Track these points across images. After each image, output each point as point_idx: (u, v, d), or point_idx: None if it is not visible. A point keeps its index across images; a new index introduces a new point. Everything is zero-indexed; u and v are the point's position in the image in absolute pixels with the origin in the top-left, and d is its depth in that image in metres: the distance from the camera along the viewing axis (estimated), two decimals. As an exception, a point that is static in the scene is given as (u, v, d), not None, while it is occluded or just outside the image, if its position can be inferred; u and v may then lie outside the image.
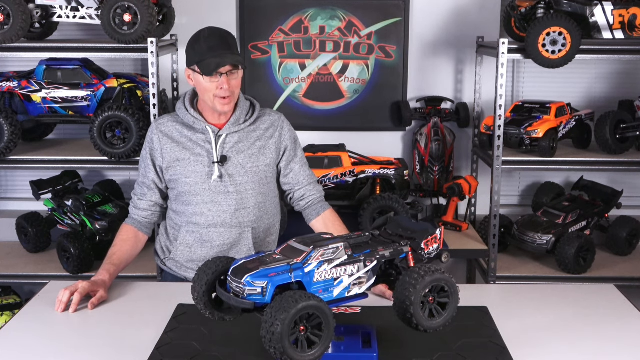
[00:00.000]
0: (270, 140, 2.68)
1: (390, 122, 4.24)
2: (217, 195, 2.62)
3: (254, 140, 2.66)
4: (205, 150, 2.62)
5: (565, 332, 2.20)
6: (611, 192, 3.98)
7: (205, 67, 2.50)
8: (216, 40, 2.53)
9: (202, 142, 2.63)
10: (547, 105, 3.76)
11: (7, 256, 3.89)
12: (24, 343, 2.13)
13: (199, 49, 2.53)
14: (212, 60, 2.49)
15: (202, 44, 2.52)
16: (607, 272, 3.72)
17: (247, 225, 2.66)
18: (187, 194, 2.64)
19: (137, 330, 2.18)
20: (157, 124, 2.69)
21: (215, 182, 2.61)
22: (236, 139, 2.64)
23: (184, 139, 2.64)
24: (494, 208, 3.65)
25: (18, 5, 3.36)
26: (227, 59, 2.51)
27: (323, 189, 2.85)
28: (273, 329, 1.69)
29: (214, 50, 2.50)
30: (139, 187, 2.74)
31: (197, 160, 2.62)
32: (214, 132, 2.62)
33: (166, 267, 2.77)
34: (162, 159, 2.65)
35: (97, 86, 3.57)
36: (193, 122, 2.63)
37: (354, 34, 4.16)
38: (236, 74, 2.56)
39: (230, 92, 2.54)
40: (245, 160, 2.63)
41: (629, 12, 3.45)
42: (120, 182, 4.15)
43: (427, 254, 2.04)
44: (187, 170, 2.62)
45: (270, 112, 2.76)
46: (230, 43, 2.55)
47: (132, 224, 2.72)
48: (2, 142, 3.45)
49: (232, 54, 2.54)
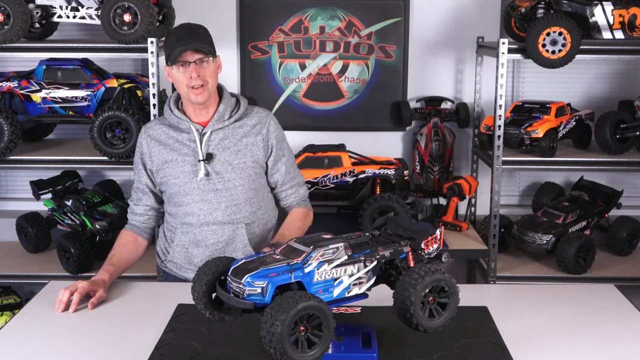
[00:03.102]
0: (258, 137, 2.68)
1: (390, 122, 4.24)
2: (207, 193, 2.63)
3: (240, 137, 2.67)
4: (191, 150, 2.63)
5: (565, 332, 2.20)
6: (611, 192, 3.98)
7: (172, 57, 2.54)
8: (184, 31, 2.57)
9: (188, 141, 2.64)
10: (547, 105, 3.76)
11: (7, 256, 3.89)
12: (24, 343, 2.13)
13: (169, 43, 2.57)
14: (178, 49, 2.52)
15: (172, 36, 2.57)
16: (607, 272, 3.72)
17: (240, 221, 2.67)
18: (178, 194, 2.65)
19: (137, 330, 2.19)
20: (145, 129, 2.72)
21: (202, 181, 2.62)
22: (221, 136, 2.65)
23: (171, 140, 2.66)
24: (494, 208, 3.65)
25: (18, 5, 3.36)
26: (192, 45, 2.52)
27: (307, 190, 2.88)
28: (273, 329, 1.68)
29: (180, 40, 2.54)
30: (134, 192, 2.77)
31: (184, 160, 2.63)
32: (197, 130, 2.63)
33: (167, 269, 2.79)
34: (151, 163, 2.68)
35: (97, 86, 3.57)
36: (177, 122, 2.65)
37: (354, 34, 4.15)
38: (207, 63, 2.56)
39: (203, 81, 2.55)
40: (231, 157, 2.64)
41: (629, 12, 3.45)
42: (120, 182, 4.15)
43: (427, 254, 2.04)
44: (175, 171, 2.64)
45: (259, 110, 2.76)
46: (199, 34, 2.58)
47: (131, 229, 2.75)
48: (2, 142, 3.45)
49: (200, 42, 2.55)
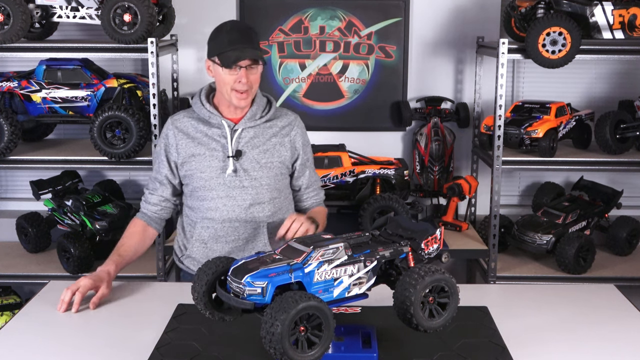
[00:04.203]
0: (286, 138, 2.70)
1: (390, 122, 4.24)
2: (232, 189, 2.63)
3: (269, 137, 2.68)
4: (220, 145, 2.63)
5: (565, 332, 2.20)
6: (611, 192, 3.98)
7: (225, 60, 2.52)
8: (237, 33, 2.55)
9: (218, 136, 2.63)
10: (547, 105, 3.76)
11: (7, 256, 3.89)
12: (24, 343, 2.13)
13: (220, 41, 2.55)
14: (232, 53, 2.51)
15: (224, 36, 2.55)
16: (607, 272, 3.72)
17: (262, 220, 2.67)
18: (202, 189, 2.64)
19: (137, 330, 2.18)
20: (172, 120, 2.71)
21: (229, 177, 2.62)
22: (252, 134, 2.65)
23: (200, 134, 2.65)
24: (494, 208, 3.65)
25: (18, 5, 3.36)
26: (247, 53, 2.52)
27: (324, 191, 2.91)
28: (273, 329, 1.68)
29: (234, 43, 2.52)
30: (152, 182, 2.74)
31: (212, 155, 2.63)
32: (229, 126, 2.63)
33: (183, 266, 2.78)
34: (177, 155, 2.66)
35: (97, 86, 3.57)
36: (209, 117, 2.64)
37: (354, 34, 4.15)
38: (255, 69, 2.57)
39: (248, 87, 2.56)
40: (259, 155, 2.64)
41: (629, 12, 3.45)
42: (120, 182, 4.15)
43: (427, 254, 2.04)
44: (202, 165, 2.63)
45: (287, 112, 2.78)
46: (251, 37, 2.57)
47: (142, 218, 2.72)
48: (2, 142, 3.45)
49: (253, 48, 2.55)
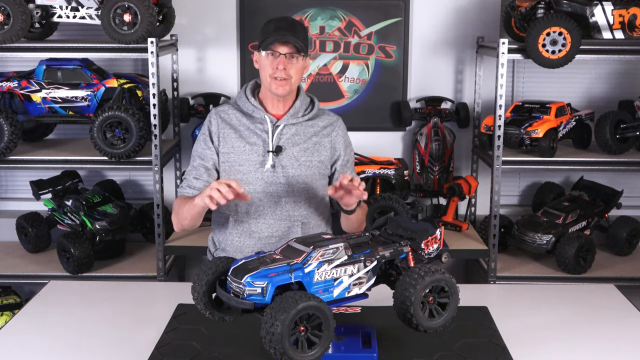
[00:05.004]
0: (326, 139, 2.71)
1: (390, 122, 4.24)
2: (269, 185, 2.63)
3: (310, 135, 2.68)
4: (261, 140, 2.64)
5: (565, 332, 2.20)
6: (611, 192, 3.98)
7: (265, 44, 2.56)
8: (283, 23, 2.60)
9: (259, 131, 2.64)
10: (547, 105, 3.76)
11: (7, 256, 3.89)
12: (24, 343, 2.13)
13: (266, 30, 2.59)
14: (273, 38, 2.55)
15: (271, 25, 2.59)
16: (607, 272, 3.72)
17: (297, 219, 2.66)
18: (239, 182, 2.62)
19: (137, 330, 2.19)
20: (216, 111, 2.72)
21: (267, 172, 2.62)
22: (293, 131, 2.66)
23: (242, 127, 2.66)
24: (494, 208, 3.65)
25: (18, 5, 3.36)
26: (287, 38, 2.54)
27: None
28: (273, 329, 1.68)
29: (278, 30, 2.56)
30: (195, 170, 2.68)
31: (252, 149, 2.63)
32: (271, 121, 2.64)
33: None
34: (218, 142, 2.67)
35: (97, 86, 3.57)
36: (252, 111, 2.66)
37: (354, 34, 4.15)
38: (296, 60, 2.58)
39: (287, 75, 2.57)
40: (299, 153, 2.65)
41: (629, 12, 3.45)
42: (120, 182, 4.15)
43: (427, 254, 2.04)
44: (241, 159, 2.64)
45: (330, 113, 2.80)
46: (296, 28, 2.59)
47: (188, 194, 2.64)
48: (2, 142, 3.45)
49: (295, 37, 2.56)
